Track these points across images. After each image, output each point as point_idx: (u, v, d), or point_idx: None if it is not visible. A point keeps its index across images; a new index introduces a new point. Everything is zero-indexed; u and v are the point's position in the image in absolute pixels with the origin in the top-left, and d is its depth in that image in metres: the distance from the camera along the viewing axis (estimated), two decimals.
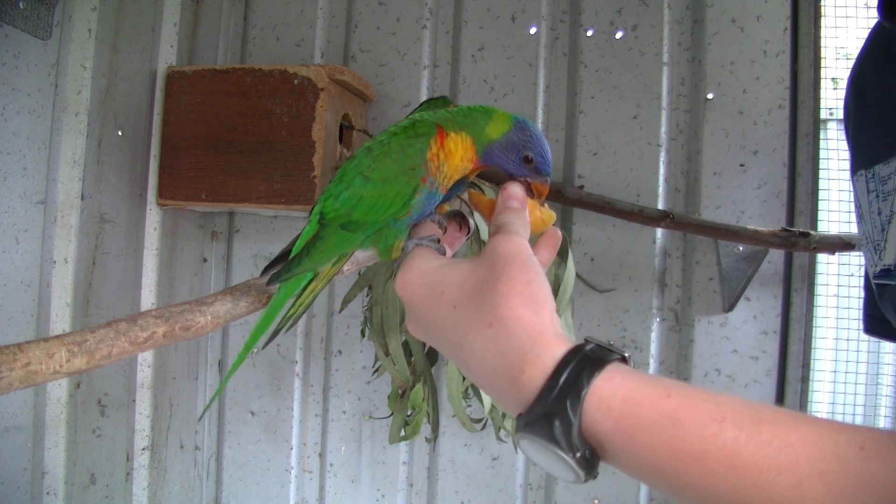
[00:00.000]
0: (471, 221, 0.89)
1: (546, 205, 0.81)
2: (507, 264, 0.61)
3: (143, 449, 1.87)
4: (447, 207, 0.93)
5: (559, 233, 0.77)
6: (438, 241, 0.77)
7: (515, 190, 0.75)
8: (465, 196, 0.94)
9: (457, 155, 0.82)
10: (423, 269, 0.69)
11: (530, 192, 0.82)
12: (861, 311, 0.86)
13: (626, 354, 0.55)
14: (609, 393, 0.51)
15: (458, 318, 0.62)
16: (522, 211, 0.73)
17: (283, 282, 0.94)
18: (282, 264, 0.94)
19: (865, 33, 0.81)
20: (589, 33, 1.96)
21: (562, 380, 0.52)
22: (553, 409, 0.52)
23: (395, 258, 0.82)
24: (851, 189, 0.76)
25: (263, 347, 1.69)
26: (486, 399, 1.62)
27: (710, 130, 1.89)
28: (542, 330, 0.56)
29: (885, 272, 0.67)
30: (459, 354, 0.63)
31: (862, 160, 0.72)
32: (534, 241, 0.77)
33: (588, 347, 0.54)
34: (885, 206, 0.67)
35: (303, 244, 0.91)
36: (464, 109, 0.86)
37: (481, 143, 0.82)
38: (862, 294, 0.86)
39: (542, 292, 0.60)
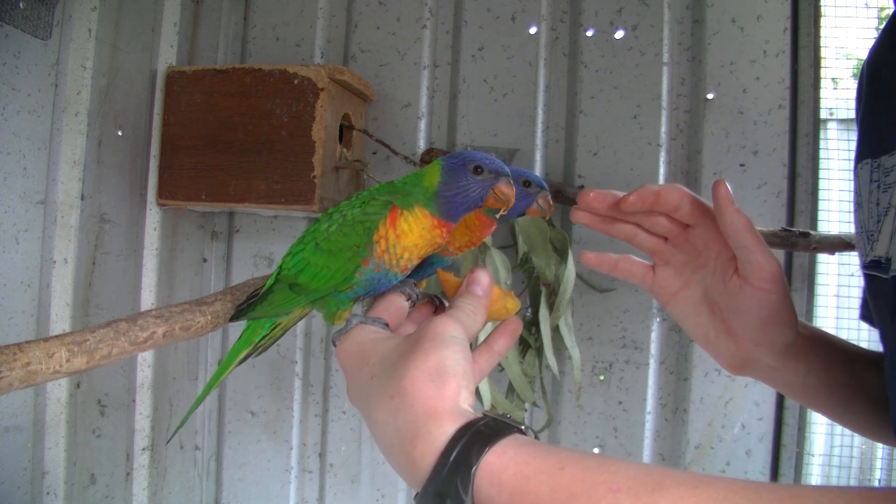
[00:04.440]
0: (447, 305, 0.84)
1: (513, 293, 0.80)
2: (427, 341, 0.61)
3: (143, 449, 1.87)
4: (425, 284, 0.91)
5: (520, 321, 0.77)
6: (387, 324, 0.75)
7: (481, 276, 0.74)
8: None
9: (413, 233, 0.79)
10: (359, 339, 0.70)
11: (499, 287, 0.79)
12: (860, 298, 0.85)
13: (523, 427, 0.55)
14: (501, 468, 0.50)
15: (370, 389, 0.63)
16: (482, 297, 0.72)
17: (244, 319, 0.95)
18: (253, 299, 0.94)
19: (865, 33, 0.80)
20: (589, 33, 1.96)
21: (451, 457, 0.52)
22: (444, 489, 0.51)
23: (338, 326, 0.81)
24: (853, 177, 0.75)
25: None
26: (487, 398, 1.62)
27: (710, 130, 1.89)
28: (438, 406, 0.56)
29: (875, 263, 0.67)
30: (369, 425, 0.63)
31: (869, 148, 0.71)
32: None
33: (482, 422, 0.54)
34: (885, 198, 0.66)
35: (264, 291, 0.91)
36: (399, 184, 0.83)
37: (431, 201, 0.79)
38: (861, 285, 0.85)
39: (455, 369, 0.59)
